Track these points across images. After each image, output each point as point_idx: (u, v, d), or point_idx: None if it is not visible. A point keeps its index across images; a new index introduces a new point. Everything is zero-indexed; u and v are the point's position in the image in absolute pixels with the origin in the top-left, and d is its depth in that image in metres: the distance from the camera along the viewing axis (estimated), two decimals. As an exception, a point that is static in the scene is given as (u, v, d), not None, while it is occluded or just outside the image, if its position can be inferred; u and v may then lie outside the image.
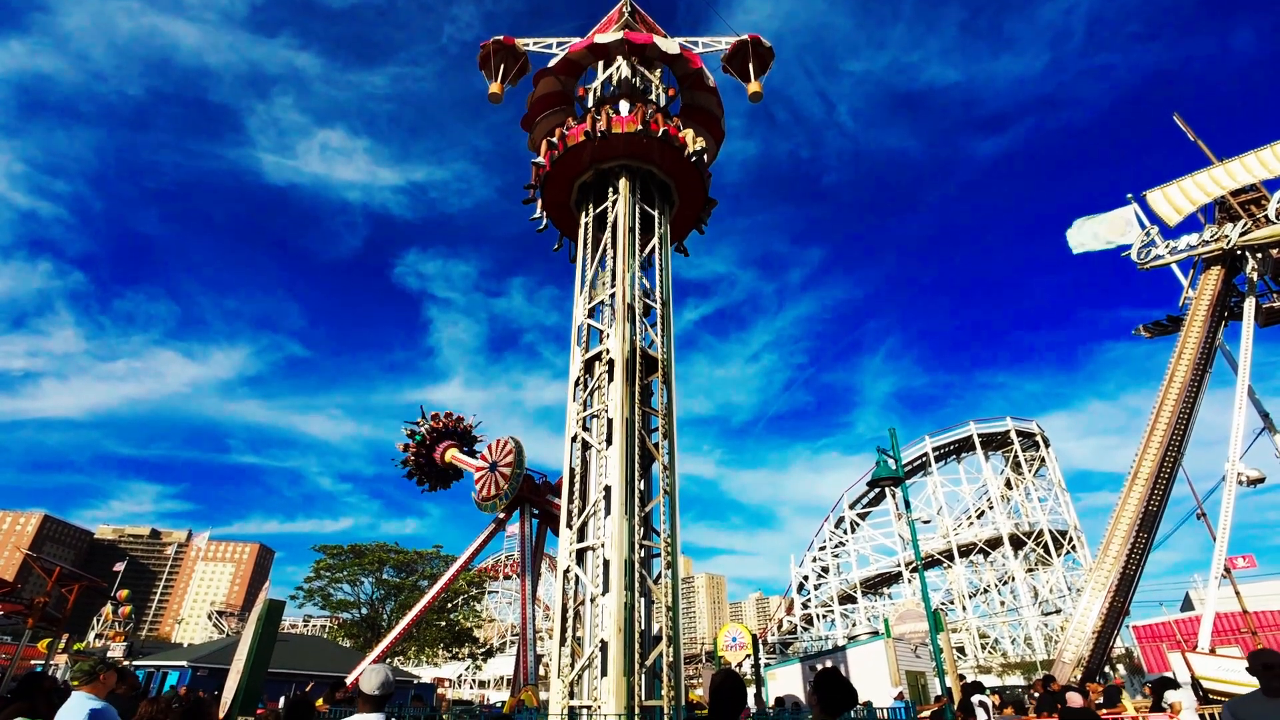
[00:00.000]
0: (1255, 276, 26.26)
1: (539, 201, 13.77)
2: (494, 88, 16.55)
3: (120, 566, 56.73)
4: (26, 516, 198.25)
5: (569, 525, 9.89)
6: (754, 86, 16.76)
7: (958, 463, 57.10)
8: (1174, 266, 27.99)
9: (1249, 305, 25.78)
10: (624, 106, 12.97)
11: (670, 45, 13.07)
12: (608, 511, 9.40)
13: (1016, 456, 53.72)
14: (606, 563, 9.06)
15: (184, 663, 25.95)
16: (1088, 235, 30.12)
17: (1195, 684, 16.03)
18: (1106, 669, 25.95)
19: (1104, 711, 12.61)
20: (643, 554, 9.57)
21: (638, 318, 11.29)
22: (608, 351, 10.85)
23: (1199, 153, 29.66)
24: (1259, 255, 26.20)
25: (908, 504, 14.02)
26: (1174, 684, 13.57)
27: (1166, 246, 27.68)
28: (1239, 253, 26.30)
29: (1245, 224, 26.25)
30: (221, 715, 5.75)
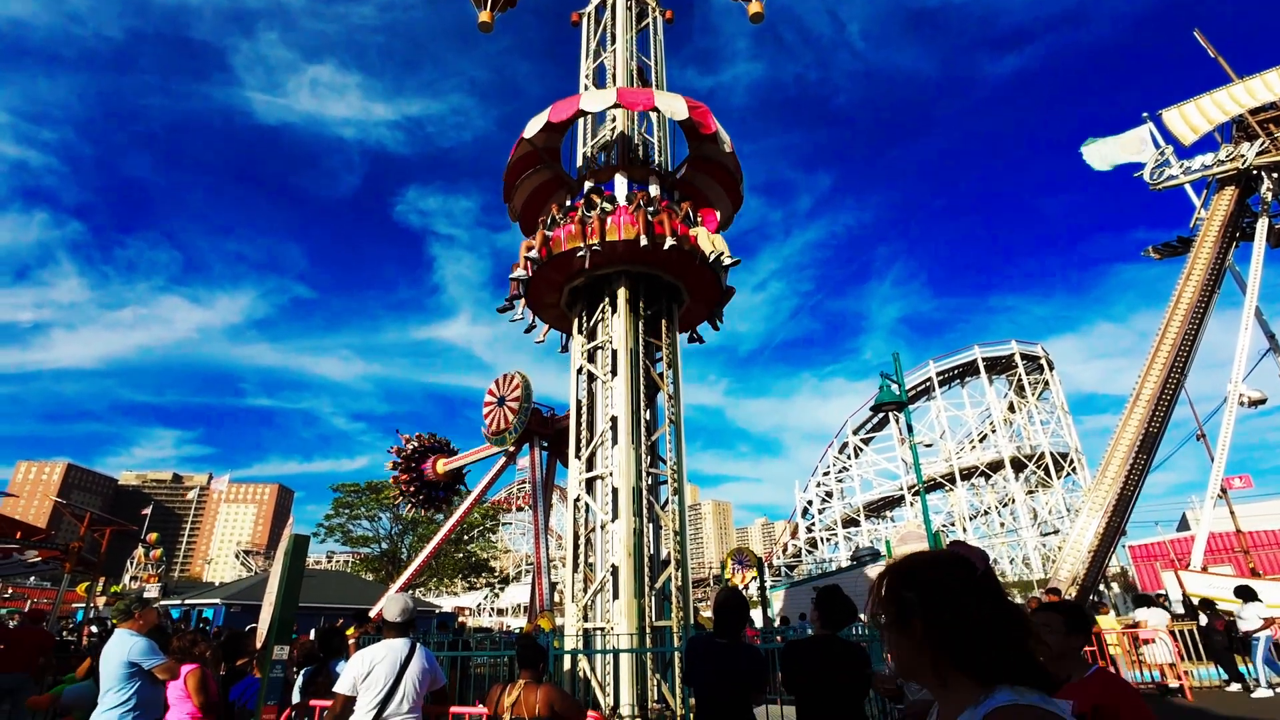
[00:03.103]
0: (1270, 197, 25.65)
1: (522, 300, 11.69)
2: (484, 16, 15.85)
3: (147, 511, 58.59)
4: (51, 466, 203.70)
5: (578, 455, 10.15)
6: (755, 7, 15.98)
7: (961, 387, 57.49)
8: (1187, 187, 27.29)
9: (1261, 225, 25.30)
10: (620, 187, 11.00)
11: (677, 105, 10.46)
12: (614, 441, 9.63)
13: (1020, 380, 53.99)
14: (615, 491, 9.35)
15: (217, 600, 27.19)
16: (1101, 155, 29.38)
17: (1186, 600, 16.64)
18: (1101, 587, 26.83)
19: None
20: (650, 481, 9.86)
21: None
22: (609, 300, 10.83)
23: (1219, 70, 28.44)
24: (1275, 175, 25.51)
25: (910, 428, 14.25)
26: (1151, 602, 14.16)
27: (1180, 166, 26.92)
28: (1254, 173, 25.62)
29: (1263, 143, 25.45)
30: (258, 646, 6.12)
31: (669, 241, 10.07)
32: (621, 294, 10.55)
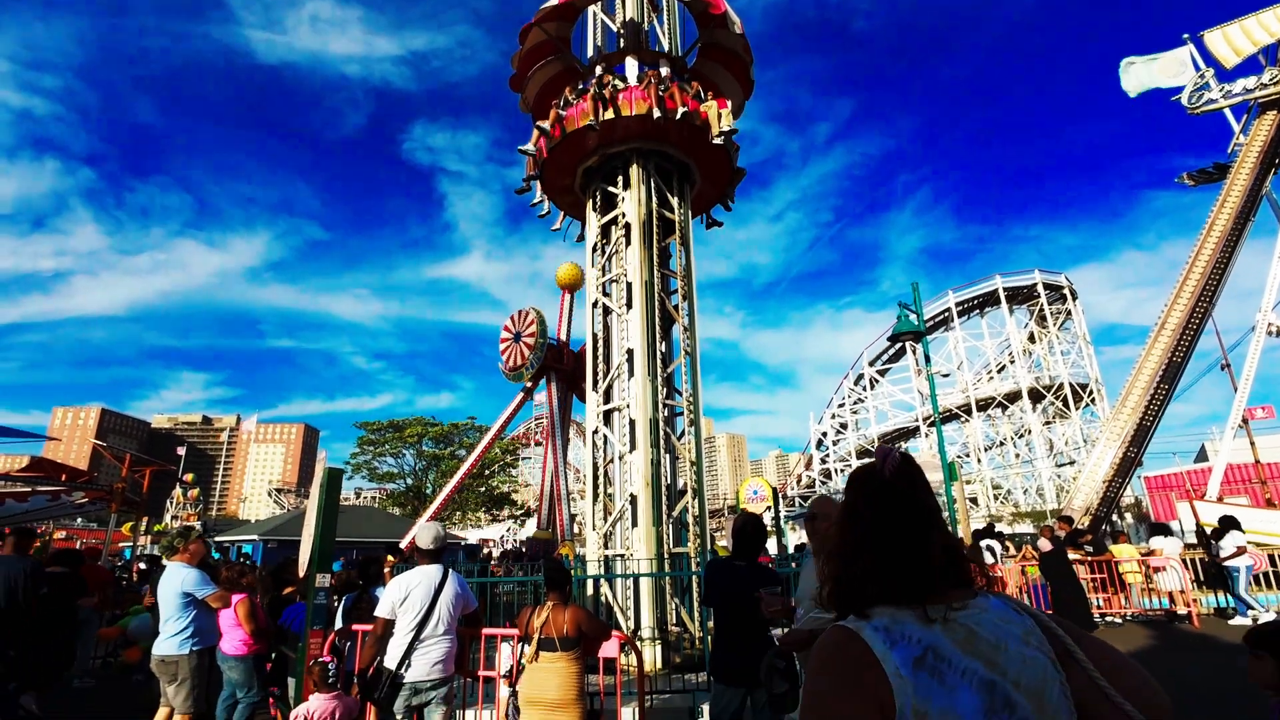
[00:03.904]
0: (1315, 120, 24.40)
1: (539, 184, 11.82)
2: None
3: (181, 451, 60.56)
4: (86, 411, 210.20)
5: (595, 388, 10.29)
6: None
7: (981, 317, 56.75)
8: (1227, 111, 26.07)
9: (1304, 151, 24.15)
10: (631, 70, 10.89)
11: None
12: (631, 373, 9.73)
13: (1042, 310, 53.12)
14: (632, 422, 9.52)
15: (255, 537, 28.37)
16: (1139, 77, 28.06)
17: (1200, 530, 16.84)
18: (1114, 517, 27.06)
19: (1092, 557, 13.58)
20: (666, 413, 10.00)
21: (653, 177, 10.92)
22: (624, 215, 10.70)
23: (1267, -11, 26.59)
24: (1322, 97, 24.20)
25: (928, 358, 14.20)
26: (1167, 531, 14.37)
27: (1221, 90, 25.66)
28: (1299, 97, 24.31)
29: (1309, 66, 24.04)
30: (301, 575, 6.45)
31: (680, 111, 10.09)
32: (634, 172, 10.57)
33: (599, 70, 11.32)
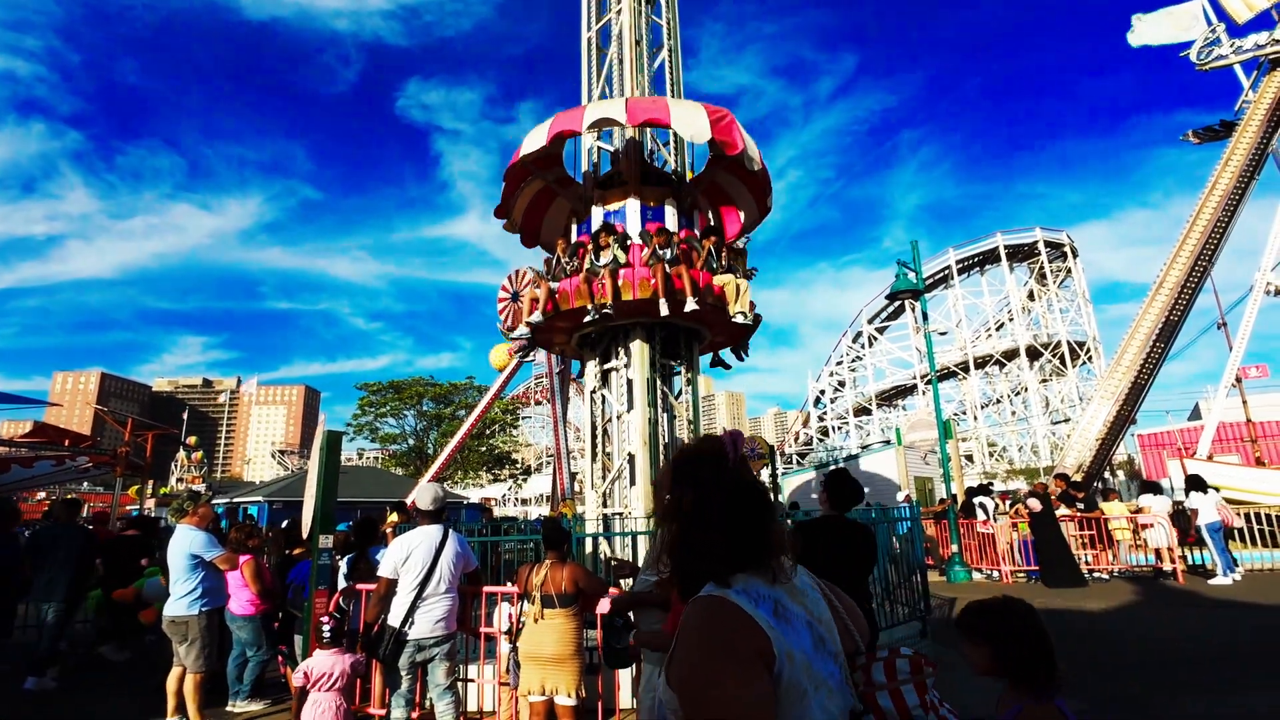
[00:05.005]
0: (1326, 78, 23.92)
1: (534, 351, 10.54)
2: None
3: (184, 415, 61.05)
4: (87, 375, 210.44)
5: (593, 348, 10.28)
6: None
7: (981, 275, 56.51)
8: (1237, 68, 25.53)
9: (1314, 109, 23.71)
10: (633, 219, 9.58)
11: (697, 124, 8.47)
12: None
13: (1042, 268, 52.89)
14: (630, 382, 9.53)
15: (260, 498, 28.81)
16: (1147, 31, 27.43)
17: (1187, 488, 17.10)
18: (1106, 474, 27.40)
19: (1082, 514, 13.84)
20: (664, 372, 10.00)
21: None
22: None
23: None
24: (1334, 54, 23.67)
25: (925, 316, 14.20)
26: (1156, 489, 14.58)
27: (1231, 46, 25.12)
28: (1311, 54, 23.80)
29: (1325, 20, 23.46)
30: (305, 536, 6.58)
31: (690, 305, 8.85)
32: (636, 348, 9.52)
33: (595, 218, 9.92)
